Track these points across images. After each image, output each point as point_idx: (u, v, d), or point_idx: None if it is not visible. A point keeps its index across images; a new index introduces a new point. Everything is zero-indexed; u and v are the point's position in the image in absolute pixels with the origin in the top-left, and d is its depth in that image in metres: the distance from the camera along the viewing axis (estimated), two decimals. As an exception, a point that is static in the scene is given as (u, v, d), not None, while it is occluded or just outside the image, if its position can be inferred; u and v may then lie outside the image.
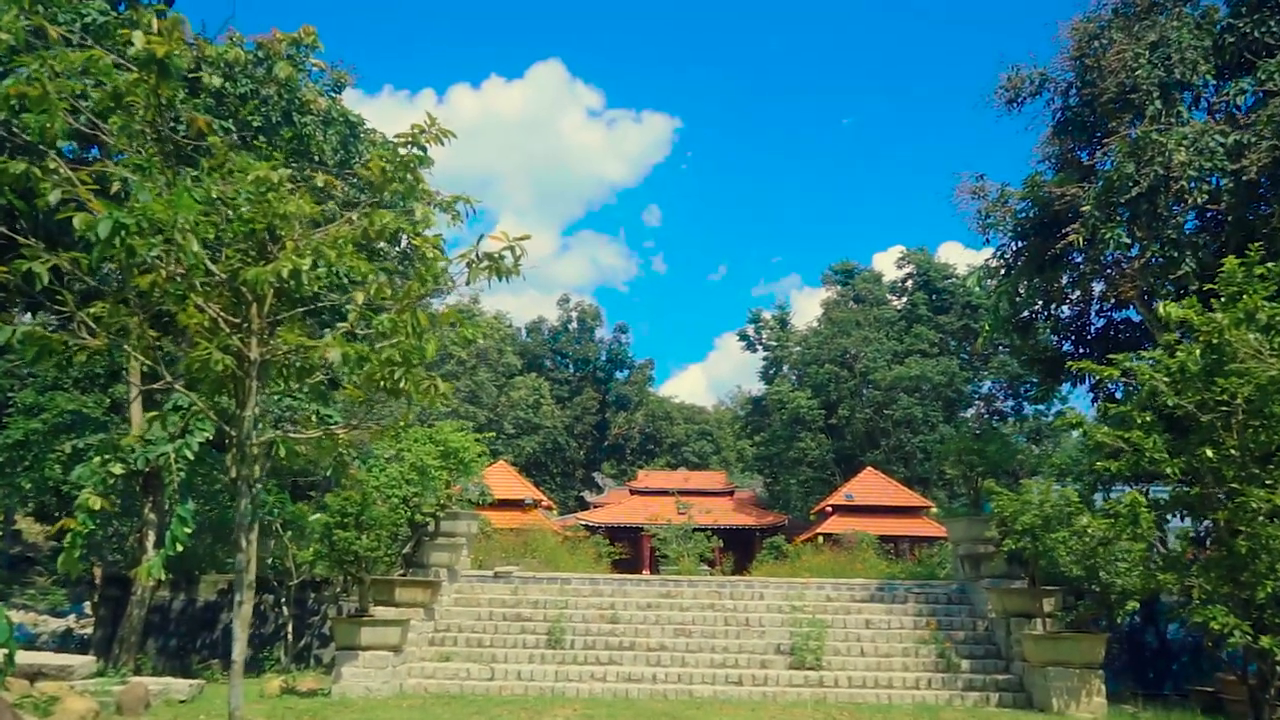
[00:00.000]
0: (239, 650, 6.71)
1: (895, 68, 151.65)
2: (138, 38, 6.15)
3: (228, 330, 6.42)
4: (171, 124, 6.58)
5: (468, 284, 6.61)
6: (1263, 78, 15.01)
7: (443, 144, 6.88)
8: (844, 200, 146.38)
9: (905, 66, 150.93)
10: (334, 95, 21.26)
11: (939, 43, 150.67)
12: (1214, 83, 15.85)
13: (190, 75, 18.41)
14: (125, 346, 6.40)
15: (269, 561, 19.53)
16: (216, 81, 16.52)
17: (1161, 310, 11.25)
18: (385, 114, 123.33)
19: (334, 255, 6.44)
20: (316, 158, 20.41)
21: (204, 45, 18.21)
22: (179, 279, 6.12)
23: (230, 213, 6.29)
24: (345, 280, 6.91)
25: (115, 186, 6.15)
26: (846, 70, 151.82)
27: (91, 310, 6.24)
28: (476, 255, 6.74)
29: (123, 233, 5.34)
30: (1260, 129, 14.25)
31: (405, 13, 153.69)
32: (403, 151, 6.95)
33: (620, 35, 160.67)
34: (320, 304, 6.85)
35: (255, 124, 18.32)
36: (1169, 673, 17.28)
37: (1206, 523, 12.58)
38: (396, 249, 20.18)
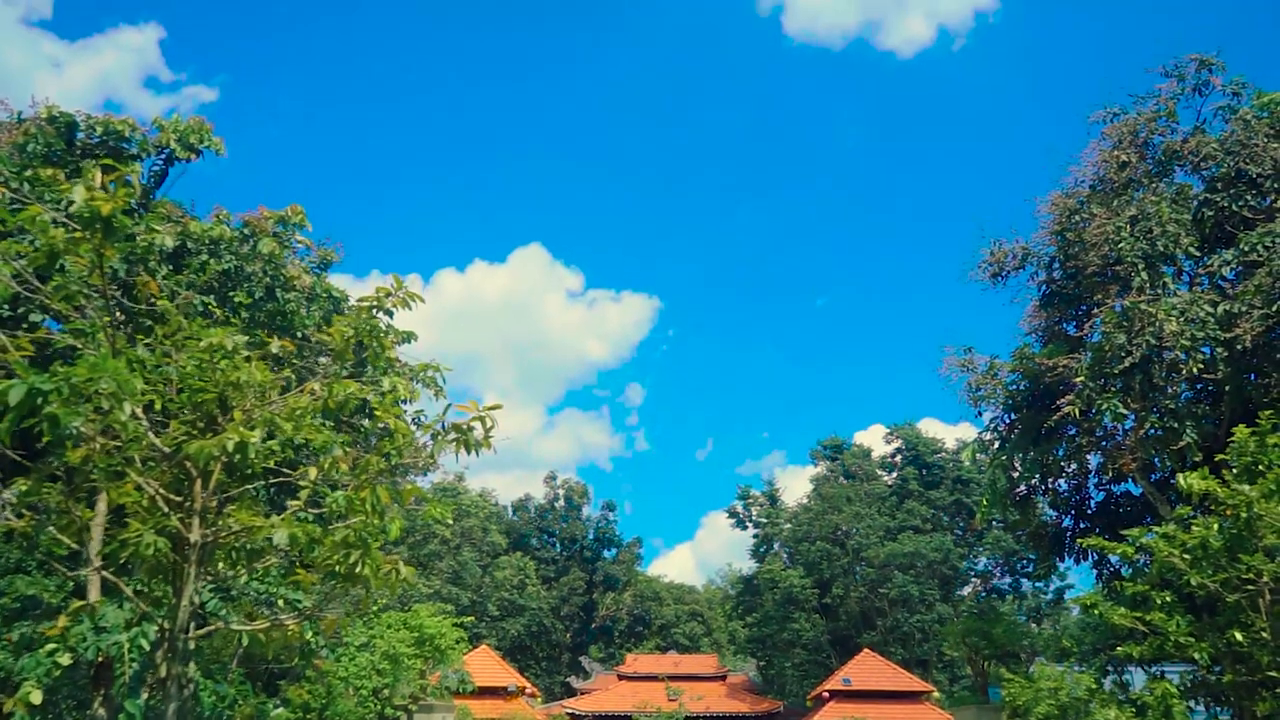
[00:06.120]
0: None
1: (864, 252, 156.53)
2: (79, 193, 5.49)
3: (166, 510, 5.78)
4: (119, 289, 6.15)
5: (432, 457, 6.02)
6: (1245, 249, 15.05)
7: (409, 308, 6.48)
8: (823, 379, 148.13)
9: (873, 251, 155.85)
10: (319, 273, 21.26)
11: (908, 226, 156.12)
12: (1197, 254, 15.90)
13: (176, 251, 18.48)
14: (50, 528, 5.77)
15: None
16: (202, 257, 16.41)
17: (1181, 482, 10.69)
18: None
19: (290, 428, 5.90)
20: (298, 334, 20.24)
21: (189, 221, 18.31)
22: (115, 453, 5.56)
23: (178, 381, 5.76)
24: (304, 456, 6.32)
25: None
26: (819, 252, 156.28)
27: (13, 488, 5.63)
28: (443, 427, 6.25)
29: (41, 400, 4.79)
30: (1250, 298, 14.15)
31: (394, 201, 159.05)
32: (367, 317, 6.51)
33: (599, 219, 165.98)
34: (275, 480, 6.19)
35: (237, 300, 18.14)
36: None
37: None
38: (369, 423, 19.72)
